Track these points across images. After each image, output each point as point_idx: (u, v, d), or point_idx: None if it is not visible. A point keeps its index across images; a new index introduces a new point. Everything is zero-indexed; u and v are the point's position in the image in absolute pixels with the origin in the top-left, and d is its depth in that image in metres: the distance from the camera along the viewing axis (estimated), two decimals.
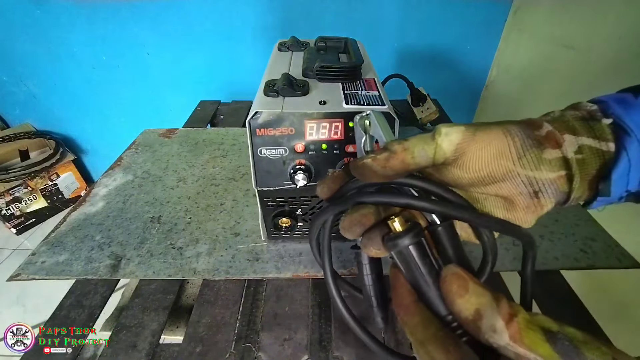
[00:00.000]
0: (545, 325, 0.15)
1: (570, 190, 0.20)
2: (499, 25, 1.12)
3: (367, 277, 0.24)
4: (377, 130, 0.23)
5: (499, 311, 0.15)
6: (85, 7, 1.10)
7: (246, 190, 0.58)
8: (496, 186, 0.20)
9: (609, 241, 0.48)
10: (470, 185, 0.21)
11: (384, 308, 0.25)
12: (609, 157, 0.20)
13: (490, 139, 0.20)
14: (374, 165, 0.20)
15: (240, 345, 0.37)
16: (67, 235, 0.48)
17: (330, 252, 0.24)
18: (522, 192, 0.20)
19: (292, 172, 0.37)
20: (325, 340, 0.38)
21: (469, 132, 0.20)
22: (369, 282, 0.24)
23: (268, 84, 0.37)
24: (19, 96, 1.32)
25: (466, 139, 0.20)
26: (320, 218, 0.23)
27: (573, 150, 0.19)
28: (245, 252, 0.46)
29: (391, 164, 0.19)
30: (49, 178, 1.38)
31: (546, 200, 0.20)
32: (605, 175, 0.20)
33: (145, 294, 0.42)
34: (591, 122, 0.20)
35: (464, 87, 1.27)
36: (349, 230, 0.21)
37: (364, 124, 0.25)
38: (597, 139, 0.20)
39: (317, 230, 0.25)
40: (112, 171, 0.62)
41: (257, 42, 1.17)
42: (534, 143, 0.19)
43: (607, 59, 0.76)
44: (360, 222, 0.21)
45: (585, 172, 0.20)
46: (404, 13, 1.10)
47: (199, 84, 1.28)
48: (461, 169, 0.20)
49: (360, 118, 0.25)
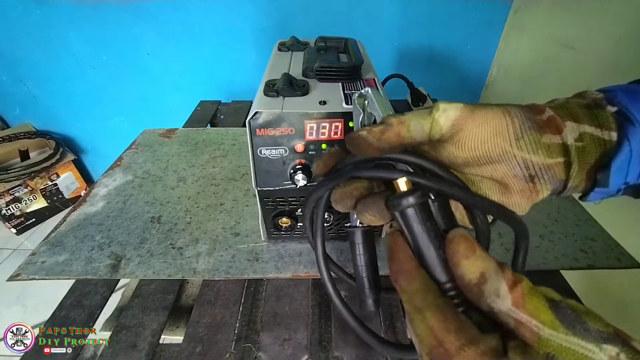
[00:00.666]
0: (548, 295, 0.15)
1: (567, 178, 0.20)
2: (499, 25, 1.12)
3: (360, 257, 0.24)
4: (374, 107, 0.23)
5: (504, 276, 0.15)
6: (85, 7, 1.10)
7: (246, 190, 0.58)
8: (491, 167, 0.20)
9: (609, 241, 0.48)
10: (466, 165, 0.21)
11: (376, 290, 0.24)
12: (609, 147, 0.19)
13: (488, 118, 0.19)
14: (369, 138, 0.19)
15: (240, 345, 0.37)
16: (67, 235, 0.48)
17: (324, 232, 0.24)
18: (517, 174, 0.20)
19: (292, 172, 0.37)
20: (325, 340, 0.38)
21: (467, 109, 0.19)
22: (361, 262, 0.24)
23: (268, 84, 0.37)
24: (19, 96, 1.32)
25: (463, 115, 0.19)
26: (315, 193, 0.23)
27: (573, 138, 0.19)
28: (245, 252, 0.46)
29: (386, 137, 0.19)
30: (49, 178, 1.38)
31: (542, 186, 0.20)
32: (605, 165, 0.19)
33: (145, 294, 0.42)
34: (595, 110, 0.20)
35: (464, 87, 1.27)
36: (340, 202, 0.21)
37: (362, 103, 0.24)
38: (599, 127, 0.19)
39: (311, 207, 0.24)
40: (112, 171, 0.62)
41: (257, 42, 1.17)
42: (533, 126, 0.19)
43: (607, 59, 0.76)
44: (352, 195, 0.21)
45: (584, 161, 0.19)
46: (404, 13, 1.10)
47: (199, 84, 1.28)
48: (457, 146, 0.20)
49: (358, 96, 0.25)
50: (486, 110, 0.19)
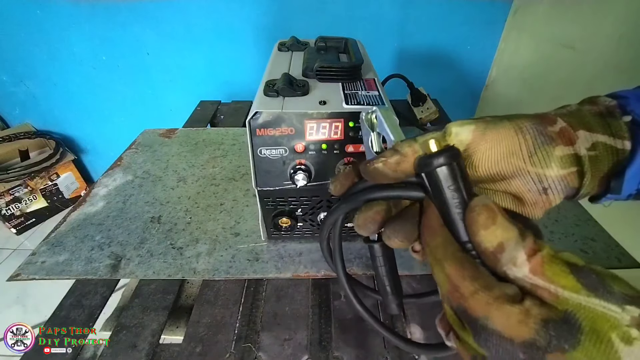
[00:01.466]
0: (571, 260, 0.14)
1: (580, 186, 0.20)
2: (499, 25, 1.12)
3: (381, 268, 0.25)
4: (383, 128, 0.23)
5: (524, 245, 0.15)
6: (85, 7, 1.10)
7: (246, 190, 0.58)
8: (505, 183, 0.20)
9: (609, 241, 0.48)
10: (479, 181, 0.21)
11: (398, 295, 0.25)
12: (622, 155, 0.19)
13: (501, 138, 0.19)
14: (385, 170, 0.20)
15: (240, 345, 0.37)
16: (67, 235, 0.48)
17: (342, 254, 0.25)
18: (530, 189, 0.20)
19: (292, 172, 0.37)
20: (325, 340, 0.38)
21: (479, 130, 0.19)
22: (383, 273, 0.25)
23: (268, 84, 0.37)
24: (19, 96, 1.32)
25: (475, 138, 0.19)
26: (331, 217, 0.24)
27: (586, 147, 0.19)
28: (245, 252, 0.46)
29: (402, 168, 0.20)
30: (49, 178, 1.38)
31: (555, 196, 0.20)
32: (618, 173, 0.19)
33: (145, 294, 0.42)
34: (608, 118, 0.20)
35: (464, 87, 1.27)
36: (364, 228, 0.22)
37: (370, 121, 0.25)
38: (612, 136, 0.19)
39: (328, 231, 0.25)
40: (112, 171, 0.62)
41: (257, 42, 1.17)
42: (545, 140, 0.19)
43: (607, 59, 0.76)
44: (374, 220, 0.21)
45: (597, 169, 0.19)
46: (404, 13, 1.10)
47: (199, 84, 1.28)
48: (471, 167, 0.20)
49: (366, 115, 0.25)
50: (498, 129, 0.20)
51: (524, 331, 0.13)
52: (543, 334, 0.13)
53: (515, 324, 0.14)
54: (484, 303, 0.14)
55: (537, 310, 0.14)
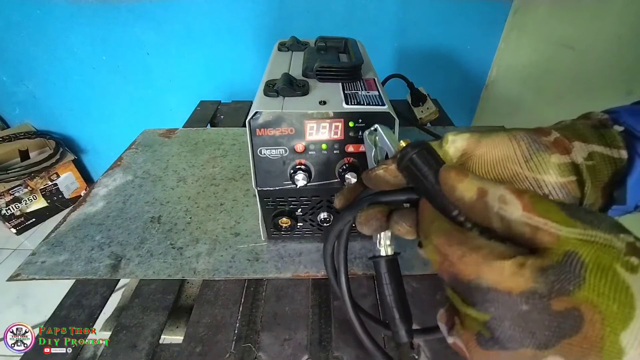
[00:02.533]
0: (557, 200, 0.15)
1: (582, 195, 0.20)
2: (499, 25, 1.12)
3: (387, 286, 0.24)
4: (385, 142, 0.25)
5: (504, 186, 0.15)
6: (85, 7, 1.10)
7: (246, 190, 0.58)
8: None
9: None
10: None
11: (407, 319, 0.24)
12: (621, 165, 0.20)
13: (496, 144, 0.20)
14: (386, 176, 0.21)
15: (240, 345, 0.37)
16: (67, 235, 0.48)
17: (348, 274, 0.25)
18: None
19: (292, 172, 0.37)
20: (325, 340, 0.38)
21: (474, 138, 0.20)
22: (389, 291, 0.24)
23: (268, 84, 0.37)
24: (19, 96, 1.32)
25: (470, 144, 0.20)
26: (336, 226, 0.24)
27: (583, 157, 0.20)
28: (245, 252, 0.46)
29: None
30: (49, 178, 1.38)
31: None
32: (620, 183, 0.20)
33: (145, 294, 0.42)
34: (602, 129, 0.20)
35: (464, 87, 1.27)
36: (366, 224, 0.22)
37: (373, 139, 0.27)
38: (607, 146, 0.20)
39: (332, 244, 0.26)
40: (112, 171, 0.62)
41: (257, 42, 1.17)
42: (541, 147, 0.20)
43: (607, 59, 0.76)
44: (376, 216, 0.22)
45: (596, 179, 0.20)
46: (404, 13, 1.10)
47: (199, 84, 1.28)
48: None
49: (369, 133, 0.27)
50: (492, 137, 0.20)
51: (520, 282, 0.13)
52: (542, 281, 0.13)
53: (509, 276, 0.13)
54: (473, 264, 0.14)
55: (531, 261, 0.13)
